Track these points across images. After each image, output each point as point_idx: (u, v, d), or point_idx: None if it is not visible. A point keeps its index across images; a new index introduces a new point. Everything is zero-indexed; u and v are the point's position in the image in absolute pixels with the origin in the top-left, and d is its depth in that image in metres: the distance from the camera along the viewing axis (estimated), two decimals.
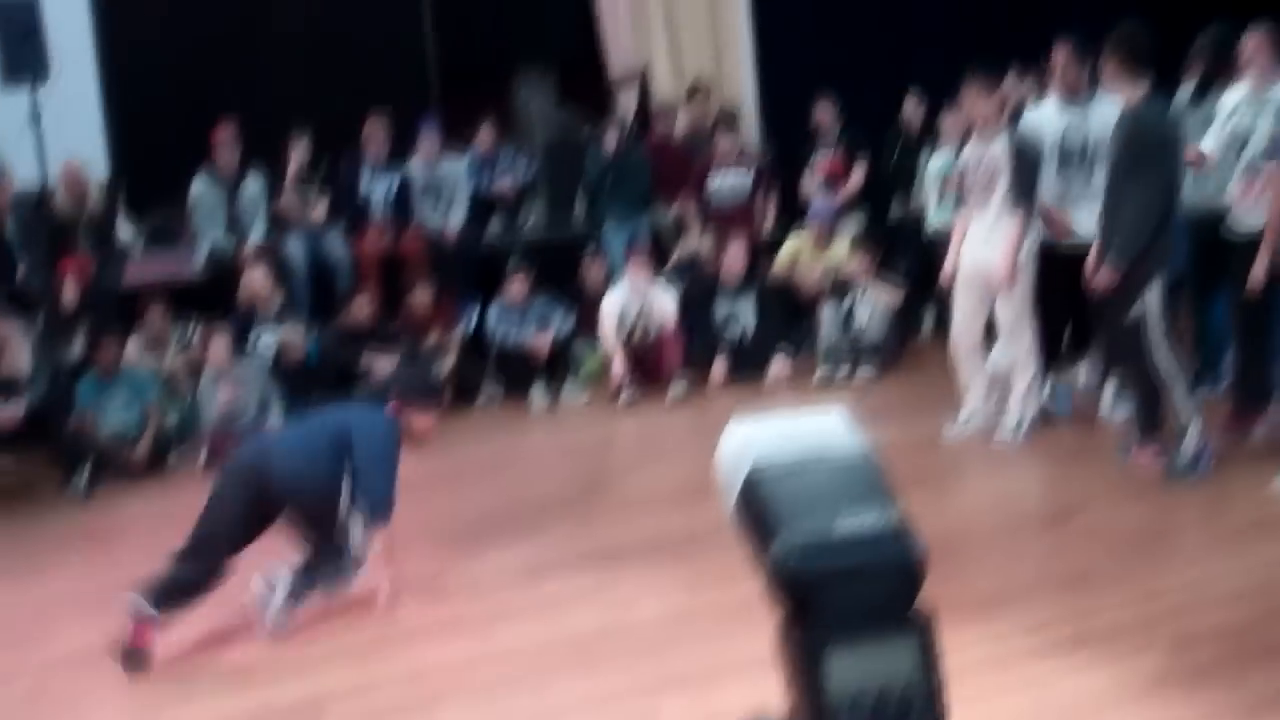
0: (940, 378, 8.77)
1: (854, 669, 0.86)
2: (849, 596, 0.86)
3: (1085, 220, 7.09)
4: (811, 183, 10.90)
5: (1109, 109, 7.02)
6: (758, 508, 0.88)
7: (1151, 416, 6.75)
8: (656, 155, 10.97)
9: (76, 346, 8.88)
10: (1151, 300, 6.46)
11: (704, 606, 5.52)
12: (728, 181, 10.59)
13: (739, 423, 0.91)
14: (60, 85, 10.75)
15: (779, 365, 9.48)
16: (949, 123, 9.47)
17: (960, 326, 7.63)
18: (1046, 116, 7.64)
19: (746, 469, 0.89)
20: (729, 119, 11.02)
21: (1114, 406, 7.59)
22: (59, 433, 8.11)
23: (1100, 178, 6.97)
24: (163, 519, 7.46)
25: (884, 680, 0.87)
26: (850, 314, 9.68)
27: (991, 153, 7.31)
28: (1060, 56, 7.54)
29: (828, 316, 9.60)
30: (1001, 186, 7.28)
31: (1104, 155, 7.01)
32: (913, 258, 10.22)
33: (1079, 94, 7.49)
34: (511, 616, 5.60)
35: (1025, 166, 7.24)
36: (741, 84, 12.03)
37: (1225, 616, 4.99)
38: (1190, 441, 6.57)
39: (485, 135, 11.15)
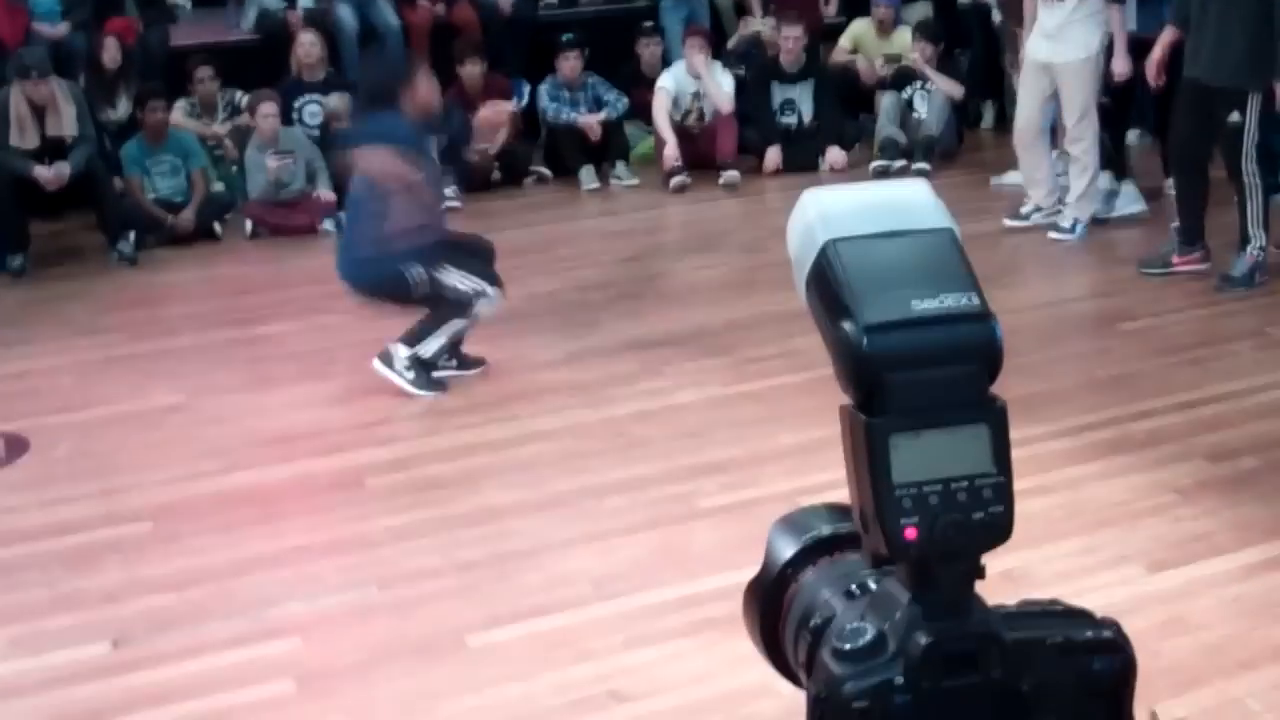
0: (999, 173, 8.64)
1: (922, 457, 0.81)
2: (923, 379, 0.81)
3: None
4: None
5: None
6: (830, 283, 0.81)
7: (1197, 224, 6.66)
8: None
9: (121, 108, 8.79)
10: (1253, 109, 6.28)
11: (744, 397, 5.52)
12: None
13: (813, 191, 0.83)
14: None
15: (834, 155, 9.32)
16: None
17: (1024, 118, 7.48)
18: None
19: (821, 241, 0.82)
20: None
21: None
22: (105, 196, 8.08)
23: None
24: (207, 285, 7.52)
25: (953, 470, 0.82)
26: (910, 105, 9.46)
27: None
28: None
29: (886, 106, 9.39)
30: None
31: None
32: (978, 49, 9.96)
33: None
34: (552, 398, 5.62)
35: None
36: None
37: (1265, 428, 4.97)
38: (1251, 254, 6.46)
39: None
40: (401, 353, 5.66)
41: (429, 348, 5.67)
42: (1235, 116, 6.30)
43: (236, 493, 4.93)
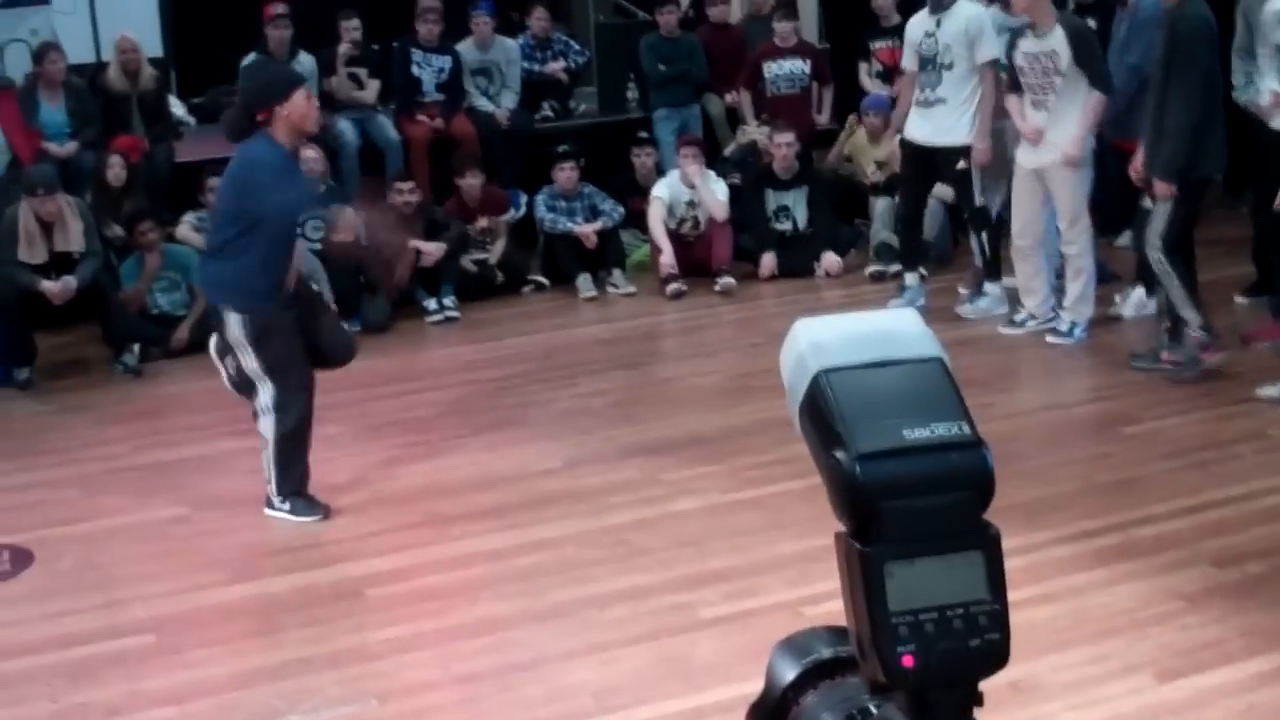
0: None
1: (917, 585, 0.83)
2: (916, 508, 0.82)
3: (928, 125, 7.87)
4: (868, 73, 10.71)
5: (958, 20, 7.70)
6: (823, 412, 0.83)
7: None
8: (711, 41, 10.80)
9: (126, 224, 8.87)
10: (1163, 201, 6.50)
11: (743, 504, 5.52)
12: (784, 69, 10.41)
13: (805, 321, 0.86)
14: None
15: (829, 260, 9.39)
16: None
17: (1020, 224, 7.56)
18: (915, 22, 8.05)
19: (813, 371, 0.84)
20: (788, 4, 10.80)
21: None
22: (109, 310, 8.14)
23: (945, 87, 7.73)
24: (209, 396, 7.50)
25: (948, 598, 0.83)
26: None
27: (1048, 47, 7.21)
28: None
29: (880, 212, 9.47)
30: (1061, 81, 7.19)
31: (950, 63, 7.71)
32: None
33: (943, 4, 7.85)
34: (552, 507, 5.61)
35: (1093, 52, 7.24)
36: None
37: (1270, 532, 4.97)
38: (1192, 336, 6.63)
39: (538, 18, 11.01)
40: (274, 498, 5.65)
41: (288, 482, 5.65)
42: (1145, 203, 6.57)
43: (238, 604, 4.92)
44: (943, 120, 7.88)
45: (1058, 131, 7.26)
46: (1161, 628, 4.31)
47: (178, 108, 10.61)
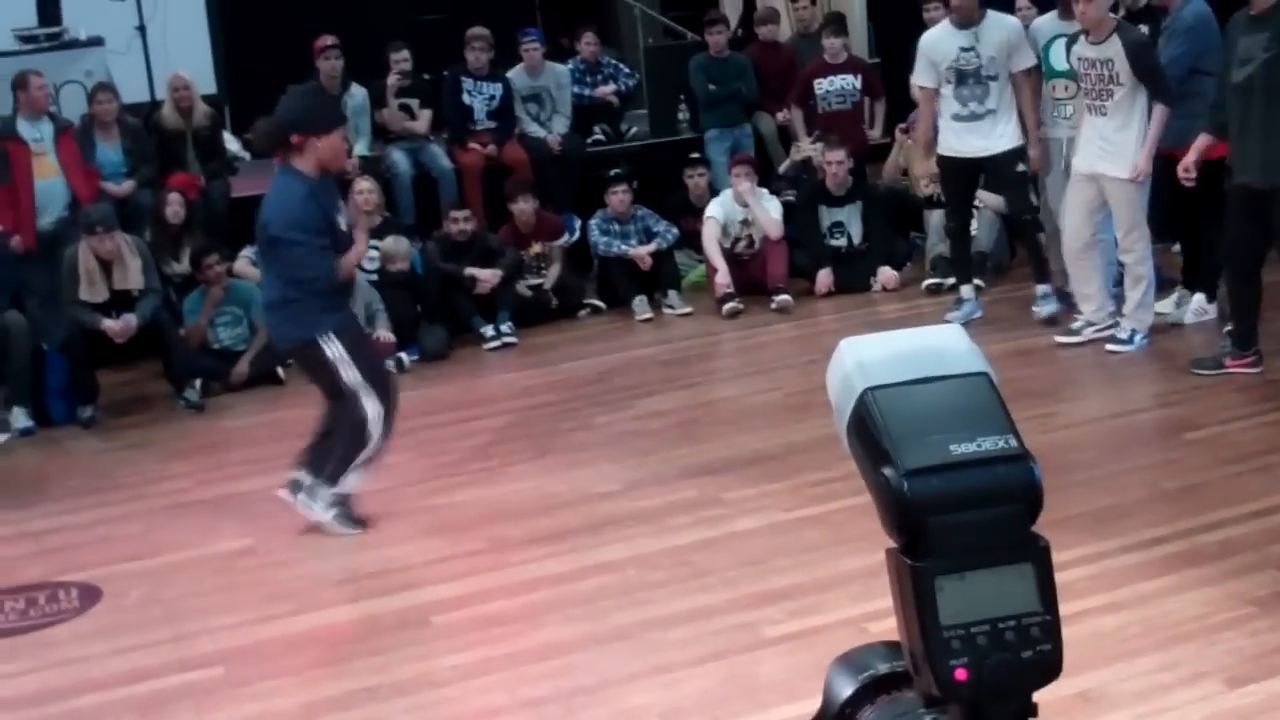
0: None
1: (968, 598, 0.83)
2: (964, 522, 0.83)
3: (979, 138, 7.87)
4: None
5: (998, 31, 7.72)
6: (871, 429, 0.84)
7: (1251, 328, 6.69)
8: (760, 60, 10.81)
9: (185, 261, 8.99)
10: None
11: (805, 522, 5.51)
12: (835, 86, 10.41)
13: (850, 340, 0.86)
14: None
15: (885, 274, 9.37)
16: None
17: (1072, 231, 7.51)
18: (940, 38, 8.01)
19: (859, 390, 0.85)
20: (837, 20, 10.80)
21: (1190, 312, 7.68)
22: (170, 347, 8.24)
23: (994, 98, 7.76)
24: (271, 429, 7.60)
25: (1000, 610, 0.83)
26: None
27: (1105, 55, 7.15)
28: None
29: (935, 224, 9.44)
30: (1120, 91, 7.13)
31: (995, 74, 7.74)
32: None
33: (972, 19, 7.88)
34: (613, 530, 5.62)
35: (1153, 64, 7.15)
36: None
37: None
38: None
39: (587, 42, 11.07)
40: (323, 492, 5.72)
41: (348, 484, 5.73)
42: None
43: (305, 635, 4.96)
44: (995, 130, 7.88)
45: (1115, 141, 7.20)
46: (1231, 633, 4.26)
47: (232, 143, 10.74)
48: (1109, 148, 7.21)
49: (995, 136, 7.91)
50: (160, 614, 5.26)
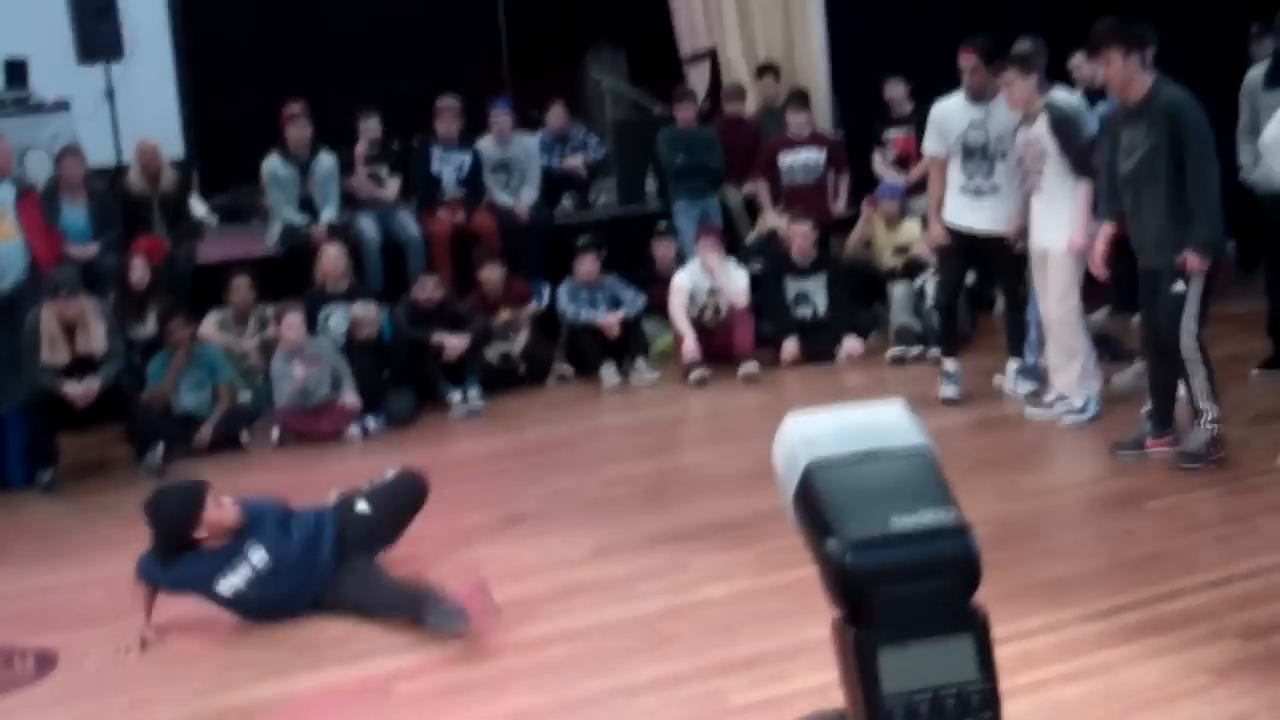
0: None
1: (910, 667, 0.85)
2: (905, 594, 0.85)
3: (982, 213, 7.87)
4: (883, 161, 10.83)
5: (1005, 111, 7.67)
6: (814, 502, 0.86)
7: (1168, 406, 6.76)
8: (727, 134, 10.93)
9: (149, 324, 8.97)
10: (1194, 284, 6.40)
11: (772, 589, 5.50)
12: (800, 159, 10.53)
13: (795, 416, 0.89)
14: (135, 64, 10.95)
15: (850, 344, 9.43)
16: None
17: (1047, 307, 7.56)
18: (952, 109, 7.99)
19: (803, 464, 0.87)
20: (800, 97, 10.95)
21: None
22: (132, 410, 8.21)
23: (1000, 173, 7.79)
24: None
25: (940, 679, 0.85)
26: (922, 293, 9.59)
27: (1034, 134, 7.32)
28: (967, 61, 7.87)
29: (899, 296, 9.53)
30: (1051, 165, 7.27)
31: (1003, 152, 7.71)
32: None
33: (984, 95, 7.87)
34: (580, 597, 5.61)
35: (1071, 138, 7.29)
36: (813, 63, 11.94)
37: None
38: (1204, 428, 6.51)
39: (556, 113, 11.17)
40: None
41: None
42: (1179, 286, 6.40)
43: (264, 704, 4.91)
44: (998, 209, 7.89)
45: (1051, 215, 7.33)
46: (1191, 701, 4.28)
47: (199, 208, 10.78)
48: (1046, 223, 7.34)
49: (998, 217, 7.89)
50: (117, 681, 5.20)
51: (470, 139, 10.48)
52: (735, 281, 9.46)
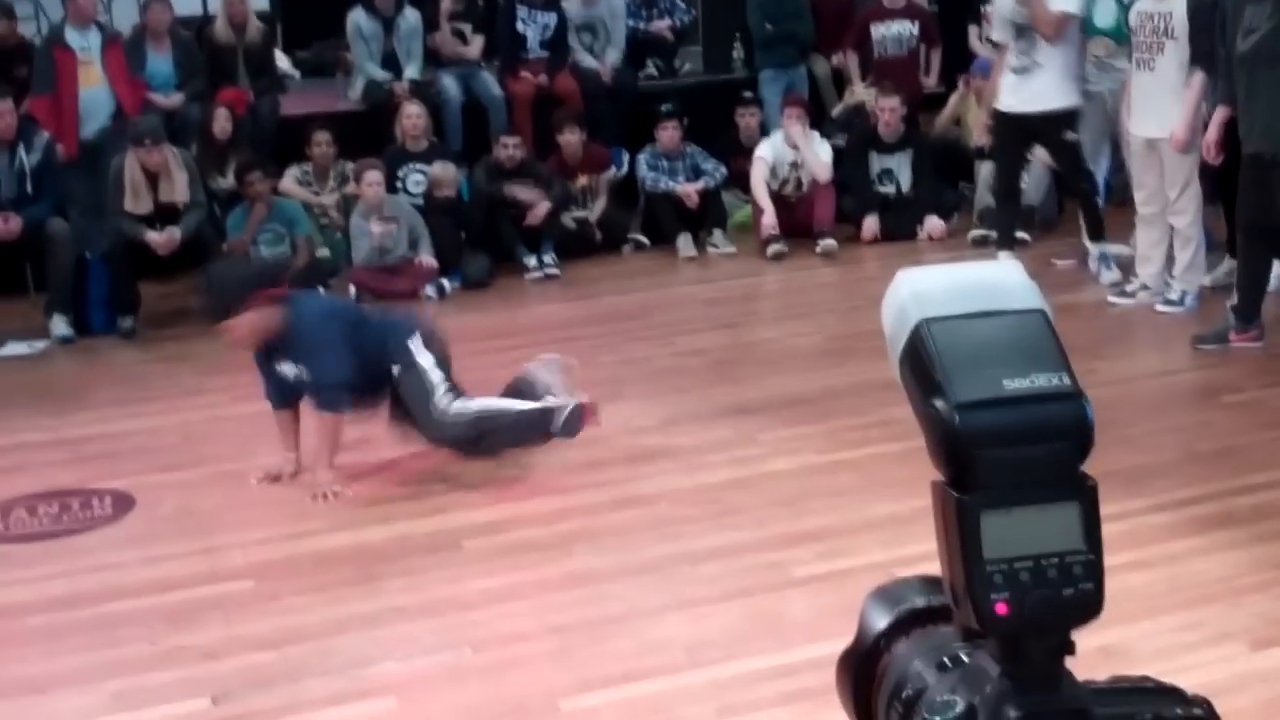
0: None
1: (1014, 534, 0.83)
2: (1013, 458, 0.83)
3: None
4: (978, 36, 10.57)
5: None
6: (924, 361, 0.83)
7: (1256, 301, 6.62)
8: (818, 2, 10.71)
9: (230, 176, 9.01)
10: None
11: (838, 465, 5.51)
12: (892, 31, 10.31)
13: (907, 271, 0.86)
14: None
15: (932, 223, 9.31)
16: None
17: (1145, 193, 7.43)
18: None
19: (914, 320, 0.84)
20: None
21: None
22: (212, 260, 8.27)
23: (1042, 51, 7.61)
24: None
25: (1044, 547, 0.83)
26: None
27: (1165, 8, 7.05)
28: None
29: (985, 176, 9.37)
30: (1172, 49, 7.04)
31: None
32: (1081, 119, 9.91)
33: None
34: (647, 464, 5.64)
35: (1206, 26, 6.96)
36: None
37: None
38: None
39: None
40: None
41: None
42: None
43: (336, 553, 5.00)
44: (1042, 86, 7.76)
45: (1168, 103, 7.11)
46: (1257, 596, 4.26)
47: (283, 61, 10.74)
48: (1159, 110, 7.13)
49: (1041, 93, 7.78)
50: (193, 525, 5.32)
51: (556, 1, 10.35)
52: (819, 155, 9.33)
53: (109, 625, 4.53)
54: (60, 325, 8.02)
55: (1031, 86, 7.79)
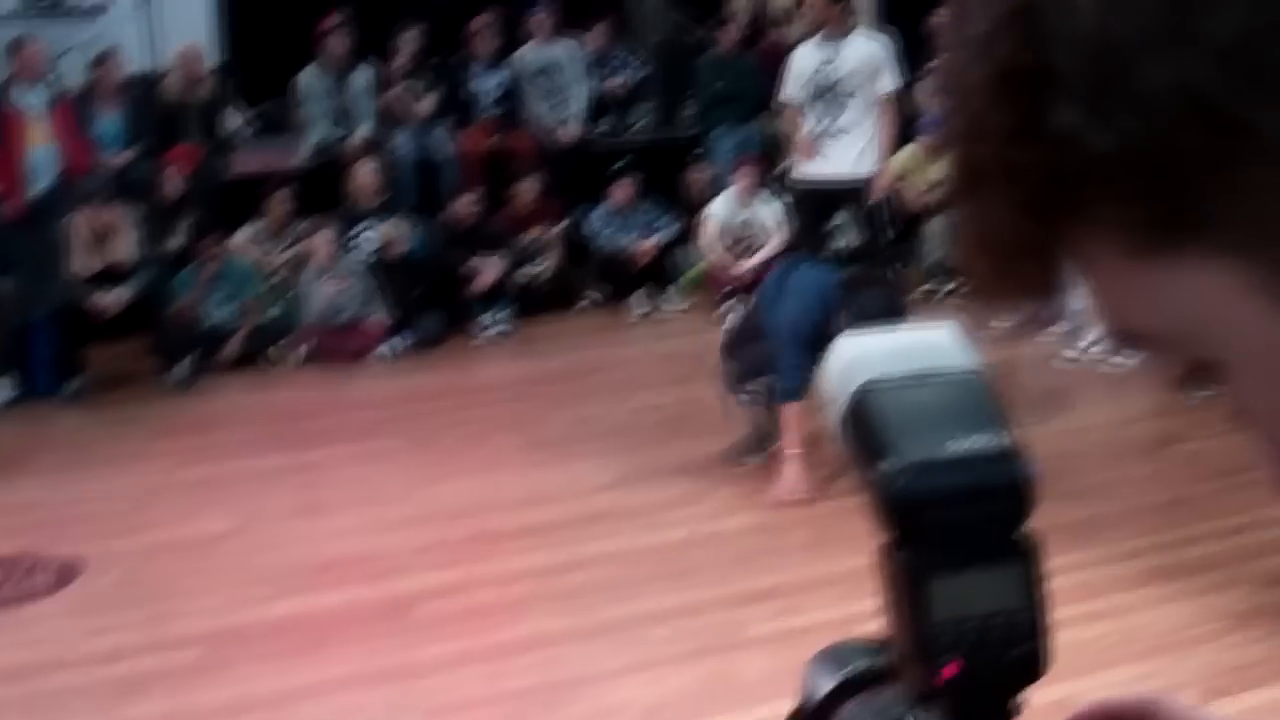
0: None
1: (960, 594, 0.83)
2: (958, 519, 0.82)
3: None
4: (925, 94, 10.67)
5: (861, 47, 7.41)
6: (867, 424, 0.83)
7: None
8: (769, 62, 10.79)
9: (180, 235, 8.96)
10: None
11: (792, 522, 5.50)
12: None
13: (848, 335, 0.86)
14: None
15: None
16: None
17: None
18: (805, 50, 7.73)
19: (855, 384, 0.84)
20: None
21: None
22: (160, 322, 8.22)
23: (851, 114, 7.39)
24: (260, 411, 7.60)
25: (990, 606, 0.83)
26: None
27: None
28: None
29: (934, 231, 9.44)
30: None
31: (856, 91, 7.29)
32: None
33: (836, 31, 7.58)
34: (602, 524, 5.61)
35: None
36: None
37: None
38: None
39: (598, 33, 11.06)
40: None
41: None
42: None
43: (286, 620, 4.93)
44: (847, 153, 7.67)
45: None
46: (1209, 646, 4.27)
47: (234, 119, 10.71)
48: None
49: (845, 160, 7.67)
50: (139, 594, 5.23)
51: (509, 57, 10.38)
52: (769, 214, 9.38)
53: (54, 698, 4.44)
54: (4, 387, 7.92)
55: (840, 152, 7.70)
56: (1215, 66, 0.44)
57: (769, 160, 10.53)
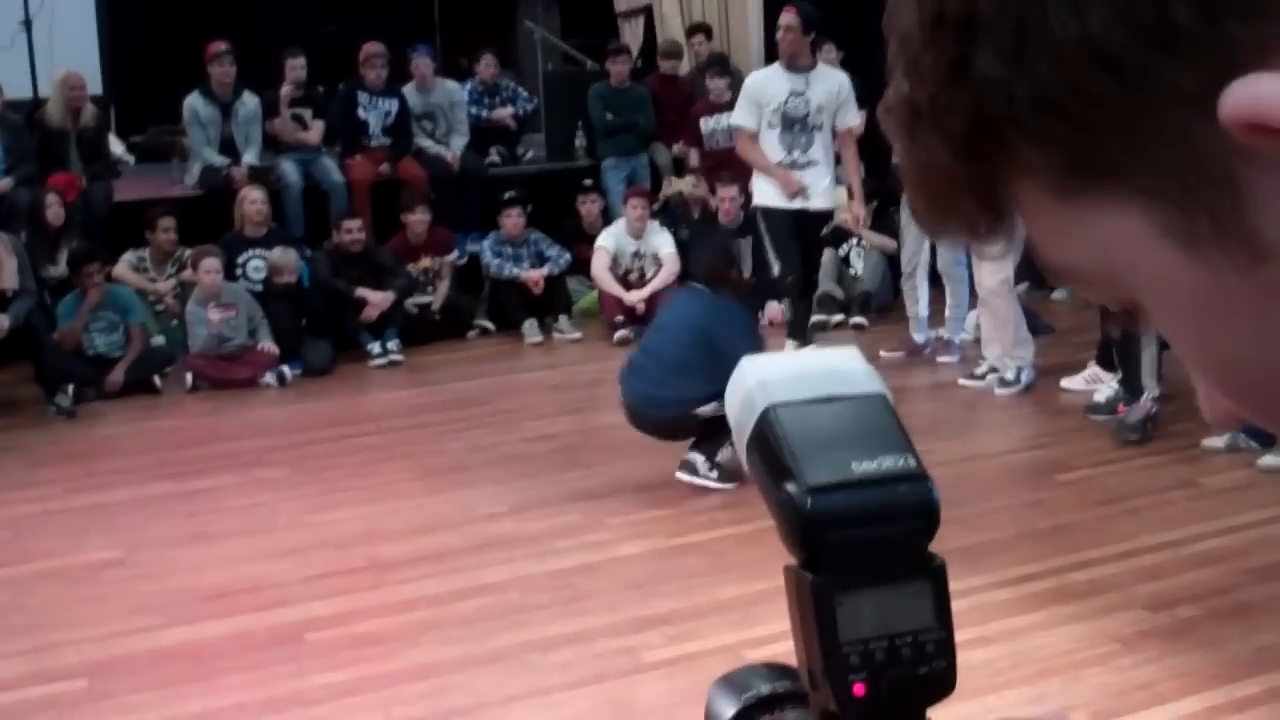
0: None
1: (867, 614, 0.84)
2: (865, 539, 0.84)
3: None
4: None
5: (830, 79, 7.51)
6: (773, 447, 0.84)
7: (1137, 374, 6.82)
8: (659, 93, 10.88)
9: (62, 264, 8.80)
10: None
11: (687, 549, 5.53)
12: (721, 124, 10.49)
13: (751, 359, 0.87)
14: None
15: (772, 309, 9.43)
16: None
17: (981, 279, 7.60)
18: (771, 79, 7.73)
19: (761, 406, 0.85)
20: (720, 61, 10.92)
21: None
22: (42, 350, 8.06)
23: (820, 145, 7.47)
24: (145, 439, 7.47)
25: (898, 625, 0.85)
26: (846, 261, 9.63)
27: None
28: (788, 19, 7.61)
29: (823, 264, 9.55)
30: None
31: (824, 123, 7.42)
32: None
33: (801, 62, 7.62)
34: (496, 551, 5.59)
35: None
36: (748, 23, 11.90)
37: (1201, 577, 5.03)
38: (1143, 405, 6.60)
39: (486, 64, 11.07)
40: (700, 460, 6.07)
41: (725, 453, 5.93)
42: None
43: (173, 649, 4.85)
44: (815, 184, 7.70)
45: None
46: (1097, 669, 4.36)
47: (116, 146, 10.56)
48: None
49: (816, 190, 7.70)
50: (22, 623, 5.11)
51: (398, 86, 10.36)
52: (661, 243, 9.44)
53: None
54: None
55: (810, 183, 7.73)
56: (1118, 21, 0.46)
57: (660, 190, 10.62)
